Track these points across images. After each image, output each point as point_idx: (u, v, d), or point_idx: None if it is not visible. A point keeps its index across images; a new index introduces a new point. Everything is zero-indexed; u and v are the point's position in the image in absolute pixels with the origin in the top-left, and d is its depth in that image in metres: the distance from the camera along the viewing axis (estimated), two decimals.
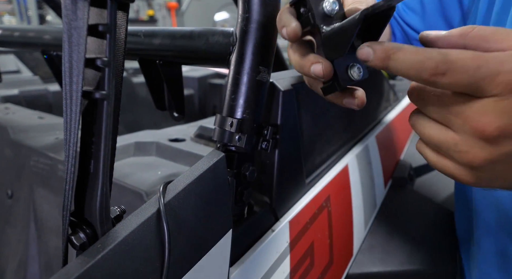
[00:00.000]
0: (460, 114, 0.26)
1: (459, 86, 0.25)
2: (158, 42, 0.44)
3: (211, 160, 0.34)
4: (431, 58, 0.24)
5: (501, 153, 0.25)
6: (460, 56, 0.24)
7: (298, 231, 0.46)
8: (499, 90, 0.24)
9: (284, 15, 0.32)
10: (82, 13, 0.24)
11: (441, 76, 0.24)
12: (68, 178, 0.27)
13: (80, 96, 0.25)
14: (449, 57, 0.24)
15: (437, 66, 0.24)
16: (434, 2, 0.63)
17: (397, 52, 0.26)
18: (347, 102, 0.33)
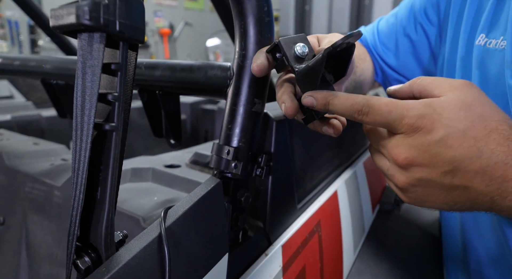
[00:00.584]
0: (384, 146, 0.33)
1: (378, 124, 0.32)
2: (158, 74, 0.47)
3: (209, 186, 0.36)
4: (358, 102, 0.32)
5: (415, 178, 0.32)
6: (377, 102, 0.32)
7: (290, 255, 0.47)
8: (405, 130, 0.31)
9: (258, 53, 0.38)
10: (98, 54, 0.27)
11: (365, 116, 0.32)
12: (75, 204, 0.29)
13: (91, 127, 0.27)
14: (369, 102, 0.32)
15: (361, 109, 0.32)
16: (407, 43, 0.70)
17: (334, 98, 0.33)
18: (325, 130, 0.38)
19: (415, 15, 0.68)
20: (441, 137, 0.31)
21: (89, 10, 0.24)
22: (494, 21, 0.52)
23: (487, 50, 0.52)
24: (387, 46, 0.71)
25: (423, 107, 0.31)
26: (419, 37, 0.68)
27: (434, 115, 0.31)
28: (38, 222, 0.60)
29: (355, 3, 3.34)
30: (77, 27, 0.26)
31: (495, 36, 0.51)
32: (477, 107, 0.32)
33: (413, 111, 0.31)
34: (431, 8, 0.66)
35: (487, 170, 0.31)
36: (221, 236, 0.37)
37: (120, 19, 0.26)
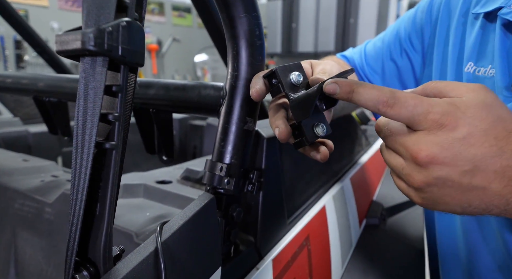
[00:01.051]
0: (403, 144, 0.33)
1: (402, 118, 0.32)
2: (152, 93, 0.49)
3: (202, 202, 0.37)
4: (384, 93, 0.32)
5: (433, 177, 0.31)
6: (404, 94, 0.32)
7: (281, 269, 0.49)
8: (429, 125, 0.31)
9: (255, 78, 0.40)
10: (100, 77, 0.28)
11: (390, 108, 0.32)
12: (74, 220, 0.30)
13: (93, 146, 0.28)
14: (396, 94, 0.32)
15: (387, 100, 0.32)
16: (393, 67, 0.73)
17: (359, 87, 0.33)
18: (313, 155, 0.39)
19: (400, 41, 0.71)
20: (464, 135, 0.31)
21: (94, 37, 0.26)
22: (481, 50, 0.56)
23: (477, 77, 0.55)
24: (374, 69, 0.75)
25: (448, 105, 0.31)
26: (404, 62, 0.71)
27: (458, 113, 0.31)
28: (28, 239, 0.59)
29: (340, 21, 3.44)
30: (81, 52, 0.27)
31: (483, 65, 0.54)
32: (497, 109, 0.32)
33: (438, 107, 0.31)
34: (415, 36, 0.69)
35: (507, 170, 0.31)
36: (214, 250, 0.38)
37: (122, 44, 0.28)
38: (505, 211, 0.32)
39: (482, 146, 0.31)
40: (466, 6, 0.59)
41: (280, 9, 3.76)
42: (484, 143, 0.31)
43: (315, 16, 3.56)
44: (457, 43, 0.60)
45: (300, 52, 3.72)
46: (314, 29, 3.60)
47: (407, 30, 0.71)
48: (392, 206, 0.96)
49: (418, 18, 0.69)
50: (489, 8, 0.53)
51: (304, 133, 0.37)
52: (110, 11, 0.28)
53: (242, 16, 0.39)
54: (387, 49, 0.73)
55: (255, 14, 0.40)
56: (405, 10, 3.35)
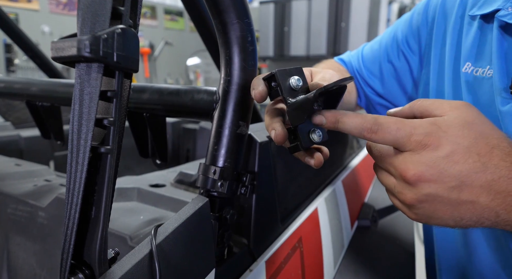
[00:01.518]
0: (392, 164, 0.35)
1: (387, 142, 0.34)
2: (146, 97, 0.49)
3: (196, 205, 0.38)
4: (367, 121, 0.34)
5: (423, 194, 0.33)
6: (386, 120, 0.34)
7: (274, 270, 0.49)
8: (413, 147, 0.33)
9: (256, 80, 0.40)
10: (95, 82, 0.29)
11: (374, 134, 0.34)
12: (69, 223, 0.30)
13: (88, 150, 0.29)
14: (378, 120, 0.34)
15: (371, 127, 0.34)
16: (390, 69, 0.74)
17: (343, 117, 0.35)
18: (307, 161, 0.40)
19: (397, 43, 0.72)
20: (447, 153, 0.32)
21: (89, 44, 0.27)
22: (479, 51, 0.56)
23: (475, 78, 0.56)
24: (372, 72, 0.76)
25: (429, 125, 0.33)
26: (402, 64, 0.72)
27: (440, 133, 0.33)
28: (21, 243, 0.59)
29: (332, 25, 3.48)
30: (77, 59, 0.28)
31: (481, 65, 0.55)
32: (478, 126, 0.34)
33: (420, 129, 0.33)
34: (412, 37, 0.71)
35: (492, 185, 0.32)
36: (208, 252, 0.38)
37: (117, 51, 0.29)
38: (496, 223, 0.34)
39: (466, 163, 0.32)
40: (463, 8, 0.60)
41: (272, 13, 3.78)
42: (468, 160, 0.32)
43: (307, 20, 3.59)
44: (454, 44, 0.61)
45: (292, 56, 3.74)
46: (306, 33, 3.63)
47: (404, 32, 0.72)
48: (383, 208, 0.98)
49: (414, 20, 0.71)
50: (486, 10, 0.54)
51: (299, 138, 0.37)
52: (105, 19, 0.28)
53: (234, 22, 0.40)
54: (385, 52, 0.74)
55: (247, 21, 0.41)
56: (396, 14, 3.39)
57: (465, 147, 0.33)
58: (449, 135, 0.33)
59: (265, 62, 4.20)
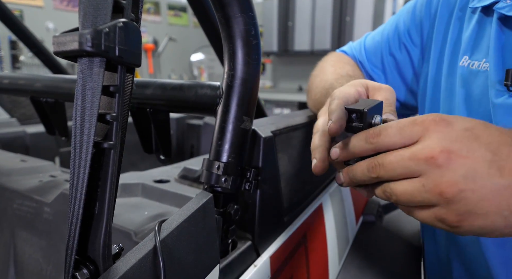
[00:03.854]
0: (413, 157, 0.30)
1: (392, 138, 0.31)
2: (150, 93, 0.49)
3: (200, 201, 0.38)
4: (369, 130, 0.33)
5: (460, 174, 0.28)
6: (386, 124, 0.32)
7: (278, 266, 0.49)
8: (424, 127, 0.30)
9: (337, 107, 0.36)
10: (98, 77, 0.29)
11: (378, 137, 0.32)
12: (73, 219, 0.30)
13: (91, 146, 0.29)
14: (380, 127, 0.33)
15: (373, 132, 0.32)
16: (392, 61, 0.73)
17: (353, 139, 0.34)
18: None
19: (399, 35, 0.72)
20: (466, 127, 0.29)
21: (91, 38, 0.26)
22: (476, 44, 0.56)
23: (470, 71, 0.56)
24: (375, 64, 0.75)
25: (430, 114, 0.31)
26: (403, 56, 0.71)
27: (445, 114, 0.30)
28: (27, 238, 0.60)
29: (336, 19, 3.45)
30: (79, 53, 0.28)
31: (477, 58, 0.55)
32: None
33: (422, 115, 0.31)
34: (414, 30, 0.70)
35: None
36: (212, 248, 0.38)
37: (119, 45, 0.28)
38: None
39: (491, 136, 0.28)
40: (465, 0, 0.60)
41: (276, 8, 3.76)
42: (491, 134, 0.28)
43: (311, 14, 3.57)
44: (454, 37, 0.61)
45: (296, 51, 3.72)
46: (310, 27, 3.61)
47: (407, 23, 0.71)
48: (388, 203, 0.97)
49: (417, 11, 0.70)
50: (486, 2, 0.54)
51: None
52: (107, 12, 0.28)
53: (238, 15, 0.39)
54: (386, 43, 0.73)
55: (250, 14, 0.40)
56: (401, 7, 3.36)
57: (481, 124, 0.29)
58: (458, 117, 0.30)
59: (269, 57, 4.18)
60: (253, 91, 0.43)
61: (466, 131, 0.29)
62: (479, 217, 0.28)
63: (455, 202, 0.28)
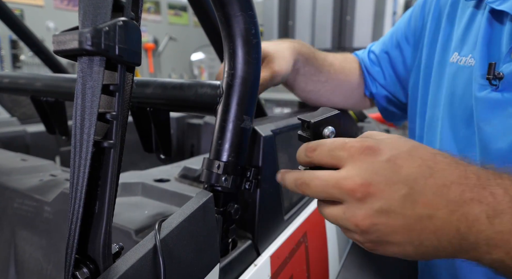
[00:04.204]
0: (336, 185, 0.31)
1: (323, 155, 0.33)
2: (150, 92, 0.49)
3: (200, 200, 0.38)
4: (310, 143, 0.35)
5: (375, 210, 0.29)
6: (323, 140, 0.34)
7: (278, 265, 0.49)
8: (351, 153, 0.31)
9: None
10: (98, 76, 0.28)
11: (313, 151, 0.33)
12: (73, 218, 0.30)
13: (91, 145, 0.29)
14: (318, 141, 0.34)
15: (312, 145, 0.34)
16: (386, 58, 0.75)
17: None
18: None
19: (396, 36, 0.74)
20: (389, 157, 0.30)
21: (91, 36, 0.26)
22: (466, 40, 0.57)
23: (458, 67, 0.56)
24: (372, 60, 0.78)
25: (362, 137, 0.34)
26: (396, 54, 0.74)
27: (377, 140, 0.32)
28: (27, 238, 0.60)
29: (337, 18, 3.44)
30: (79, 52, 0.28)
31: (465, 54, 0.56)
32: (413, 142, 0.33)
33: (353, 139, 0.32)
34: (408, 28, 0.72)
35: (444, 191, 0.29)
36: (212, 247, 0.38)
37: (119, 44, 0.28)
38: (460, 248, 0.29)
39: (411, 167, 0.29)
40: None
41: (276, 7, 3.76)
42: (412, 164, 0.30)
43: (312, 13, 3.56)
44: (446, 34, 0.61)
45: None
46: (310, 26, 3.60)
47: (403, 27, 0.73)
48: None
49: (414, 13, 0.72)
50: None
51: None
52: (107, 11, 0.28)
53: (238, 14, 0.39)
54: (384, 44, 0.77)
55: (251, 13, 0.40)
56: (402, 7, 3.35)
57: (406, 152, 0.30)
58: (386, 143, 0.31)
59: None
60: (253, 90, 0.43)
61: (388, 162, 0.30)
62: (391, 246, 0.31)
63: (369, 233, 0.30)
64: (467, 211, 0.28)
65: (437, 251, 0.30)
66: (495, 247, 0.28)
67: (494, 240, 0.28)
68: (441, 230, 0.29)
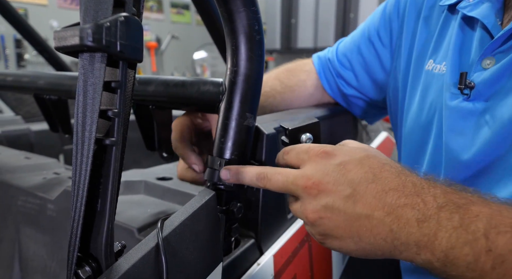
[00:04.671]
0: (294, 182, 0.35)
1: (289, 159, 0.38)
2: (152, 89, 0.49)
3: (203, 198, 0.38)
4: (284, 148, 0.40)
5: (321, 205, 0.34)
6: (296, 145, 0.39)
7: (281, 264, 0.49)
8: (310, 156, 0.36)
9: None
10: (99, 73, 0.28)
11: (286, 154, 0.39)
12: (76, 216, 0.30)
13: (93, 142, 0.28)
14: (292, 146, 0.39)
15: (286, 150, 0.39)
16: (360, 60, 0.71)
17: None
18: None
19: (369, 35, 0.70)
20: (341, 162, 0.34)
21: (92, 32, 0.26)
22: (439, 46, 0.55)
23: (433, 75, 0.55)
24: (343, 63, 0.73)
25: (326, 144, 0.37)
26: (372, 56, 0.70)
27: (335, 147, 0.36)
28: (31, 235, 0.60)
29: (340, 16, 3.43)
30: (80, 48, 0.27)
31: (439, 62, 0.54)
32: (371, 151, 0.37)
33: (317, 145, 0.37)
34: (383, 29, 0.68)
35: (383, 195, 0.32)
36: (215, 246, 0.38)
37: (120, 40, 0.28)
38: (393, 247, 0.32)
39: (358, 172, 0.34)
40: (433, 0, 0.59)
41: (279, 5, 3.74)
42: (360, 170, 0.34)
43: (315, 11, 3.55)
44: (422, 39, 0.59)
45: (299, 48, 3.70)
46: (313, 24, 3.59)
47: (376, 23, 0.69)
48: None
49: (387, 10, 0.68)
50: (452, 0, 0.53)
51: None
52: (108, 7, 0.27)
53: (241, 10, 0.39)
54: (357, 43, 0.72)
55: (254, 8, 0.40)
56: None
57: (357, 159, 0.35)
58: (343, 150, 0.36)
59: (272, 55, 4.17)
60: (256, 88, 0.42)
61: (339, 166, 0.34)
62: (335, 239, 0.35)
63: (316, 225, 0.35)
64: (401, 214, 0.32)
65: (374, 249, 0.33)
66: (423, 248, 0.31)
67: (422, 241, 0.31)
68: (376, 228, 0.32)
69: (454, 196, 0.32)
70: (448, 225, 0.30)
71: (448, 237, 0.30)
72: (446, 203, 0.31)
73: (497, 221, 0.29)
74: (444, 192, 0.32)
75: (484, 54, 0.46)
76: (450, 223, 0.30)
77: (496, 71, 0.45)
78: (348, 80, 0.73)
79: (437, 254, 0.30)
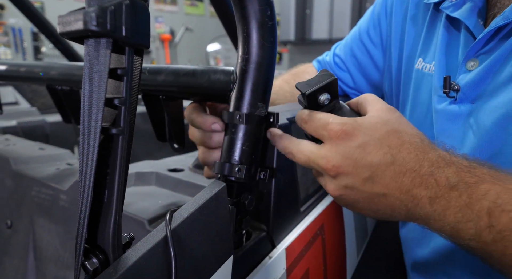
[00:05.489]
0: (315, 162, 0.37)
1: (312, 129, 0.38)
2: (162, 79, 0.48)
3: (213, 190, 0.36)
4: (304, 112, 0.39)
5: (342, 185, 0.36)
6: (316, 113, 0.38)
7: (294, 258, 0.48)
8: (329, 135, 0.36)
9: None
10: (104, 59, 0.27)
11: (306, 123, 0.38)
12: (83, 207, 0.29)
13: (99, 131, 0.28)
14: (311, 113, 0.38)
15: (306, 118, 0.38)
16: (355, 63, 0.72)
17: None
18: None
19: (360, 36, 0.70)
20: (360, 144, 0.35)
21: (96, 16, 0.25)
22: (428, 45, 0.54)
23: (423, 74, 0.54)
24: (340, 67, 0.74)
25: (348, 119, 0.36)
26: (364, 57, 0.70)
27: (355, 124, 0.36)
28: (45, 225, 0.60)
29: (356, 6, 3.35)
30: (84, 33, 0.26)
31: (429, 61, 0.53)
32: (393, 123, 0.36)
33: (337, 119, 0.36)
34: (373, 29, 0.68)
35: (400, 177, 0.34)
36: (225, 238, 0.37)
37: (126, 24, 0.27)
38: (408, 216, 0.36)
39: (377, 154, 0.35)
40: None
41: None
42: (379, 151, 0.35)
43: (330, 1, 3.48)
44: (411, 37, 0.58)
45: (314, 39, 3.65)
46: (328, 14, 3.52)
47: (366, 25, 0.69)
48: None
49: (376, 10, 0.68)
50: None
51: None
52: None
53: None
54: (350, 46, 0.72)
55: None
56: None
57: (377, 139, 0.35)
58: (363, 127, 0.35)
59: (286, 46, 4.12)
60: (268, 76, 0.41)
61: (358, 148, 0.35)
62: (356, 209, 0.38)
63: (338, 200, 0.38)
64: (415, 193, 0.34)
65: (392, 217, 0.37)
66: (434, 221, 0.35)
67: (432, 216, 0.34)
68: (393, 204, 0.35)
69: (466, 175, 0.34)
70: (456, 204, 0.33)
71: (455, 214, 0.33)
72: (457, 183, 0.33)
73: (503, 199, 0.31)
74: (458, 171, 0.34)
75: (467, 56, 0.46)
76: (458, 203, 0.33)
77: (479, 73, 0.45)
78: (345, 81, 0.74)
79: (445, 226, 0.34)
